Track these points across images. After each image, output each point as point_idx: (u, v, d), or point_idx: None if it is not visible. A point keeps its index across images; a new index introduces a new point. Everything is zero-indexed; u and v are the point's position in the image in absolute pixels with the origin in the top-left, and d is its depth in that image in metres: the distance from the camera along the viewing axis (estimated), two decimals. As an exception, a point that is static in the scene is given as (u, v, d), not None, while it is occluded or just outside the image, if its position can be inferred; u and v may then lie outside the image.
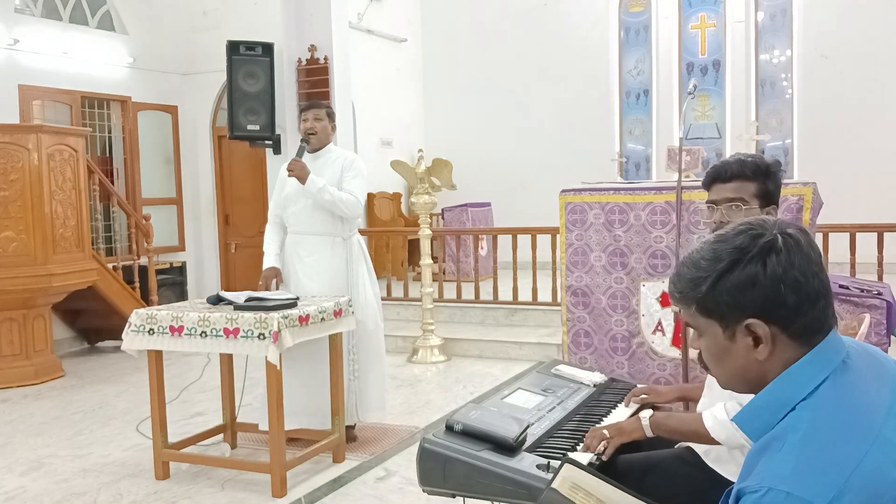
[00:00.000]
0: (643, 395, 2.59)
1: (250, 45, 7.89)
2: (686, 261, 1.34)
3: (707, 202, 2.34)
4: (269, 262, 4.39)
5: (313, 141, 4.35)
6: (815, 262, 1.27)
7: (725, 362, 1.31)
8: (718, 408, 2.06)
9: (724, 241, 1.29)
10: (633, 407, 2.57)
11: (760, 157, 2.27)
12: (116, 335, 6.30)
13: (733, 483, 2.06)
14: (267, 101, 7.91)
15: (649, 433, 2.20)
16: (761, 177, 2.21)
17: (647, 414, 2.25)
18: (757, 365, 1.27)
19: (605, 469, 2.20)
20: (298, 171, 4.19)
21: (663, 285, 3.55)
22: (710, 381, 2.28)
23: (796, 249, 1.25)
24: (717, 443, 2.05)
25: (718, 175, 2.27)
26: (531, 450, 2.09)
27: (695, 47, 10.46)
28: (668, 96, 10.54)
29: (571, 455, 2.13)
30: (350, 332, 4.23)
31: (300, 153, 4.28)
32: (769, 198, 2.22)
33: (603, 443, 2.17)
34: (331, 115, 4.44)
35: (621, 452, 2.33)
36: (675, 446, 2.31)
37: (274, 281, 4.36)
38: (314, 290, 4.23)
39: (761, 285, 1.24)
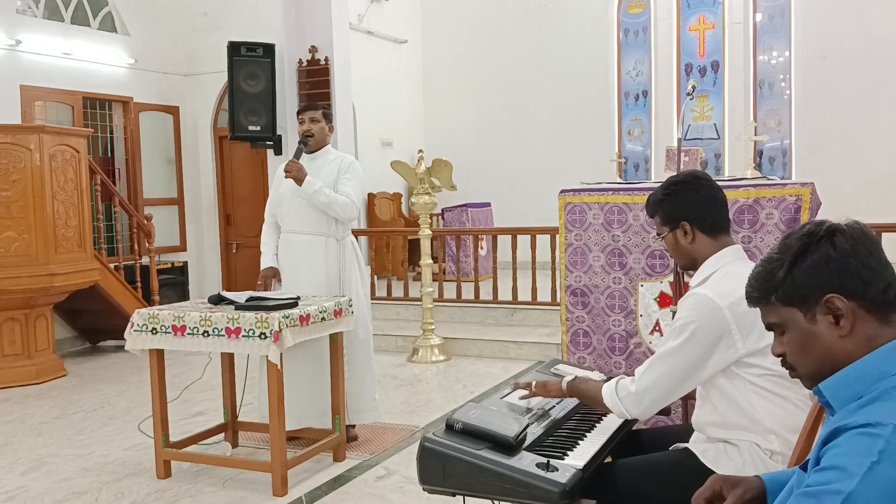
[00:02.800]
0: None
1: (251, 46, 7.92)
2: (757, 264, 1.46)
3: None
4: (267, 261, 4.40)
5: (311, 143, 4.36)
6: (877, 244, 1.38)
7: (811, 349, 1.39)
8: (614, 379, 2.31)
9: (791, 235, 1.42)
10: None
11: (662, 186, 2.42)
12: (118, 335, 6.33)
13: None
14: (268, 102, 7.93)
15: (566, 394, 2.42)
16: (658, 207, 2.39)
17: (568, 378, 2.44)
18: (841, 343, 1.35)
19: (603, 471, 2.22)
20: (295, 173, 4.20)
21: (661, 286, 3.57)
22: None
23: (860, 233, 1.37)
24: (611, 410, 2.28)
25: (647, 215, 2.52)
26: (531, 449, 2.10)
27: (693, 48, 10.46)
28: (667, 97, 10.54)
29: (570, 455, 2.15)
30: (345, 333, 4.25)
31: (297, 155, 4.29)
32: (671, 219, 2.35)
33: (522, 391, 2.47)
34: (327, 116, 4.43)
35: (621, 455, 2.36)
36: (671, 448, 2.33)
37: (273, 280, 4.38)
38: (308, 289, 4.23)
39: (834, 261, 1.35)
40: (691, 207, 2.32)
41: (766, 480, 1.63)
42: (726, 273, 2.22)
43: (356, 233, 4.67)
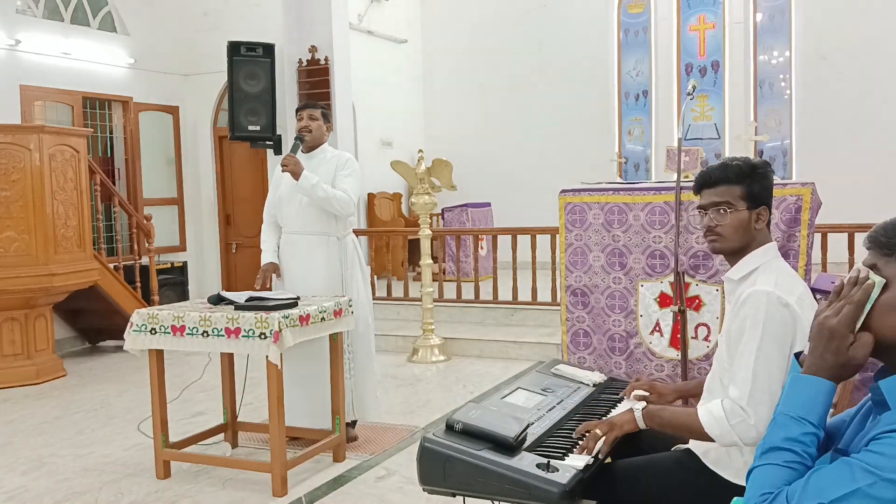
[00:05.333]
0: (643, 393, 2.61)
1: (251, 46, 7.91)
2: None
3: (697, 207, 2.35)
4: (267, 257, 4.40)
5: (308, 139, 4.35)
6: None
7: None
8: (715, 404, 2.06)
9: None
10: (634, 402, 2.59)
11: (746, 160, 2.26)
12: (117, 335, 6.33)
13: (734, 484, 2.08)
14: (267, 102, 7.92)
15: (642, 425, 2.20)
16: (745, 179, 2.21)
17: (640, 406, 2.25)
18: None
19: (604, 472, 2.21)
20: (292, 167, 4.17)
21: (662, 286, 3.57)
22: (709, 385, 2.28)
23: None
24: (710, 439, 2.06)
25: (705, 180, 2.28)
26: (531, 449, 2.10)
27: (694, 48, 10.46)
28: (668, 97, 10.54)
29: (570, 455, 2.14)
30: (347, 332, 4.24)
31: (295, 150, 4.27)
32: (756, 199, 2.21)
33: (599, 442, 2.17)
34: (325, 115, 4.43)
35: (621, 455, 2.34)
36: (673, 448, 2.31)
37: (273, 276, 4.38)
38: (310, 289, 4.23)
39: None
40: (770, 196, 2.23)
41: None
42: (778, 270, 2.15)
43: (356, 232, 4.66)
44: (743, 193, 2.20)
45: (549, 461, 2.00)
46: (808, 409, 1.44)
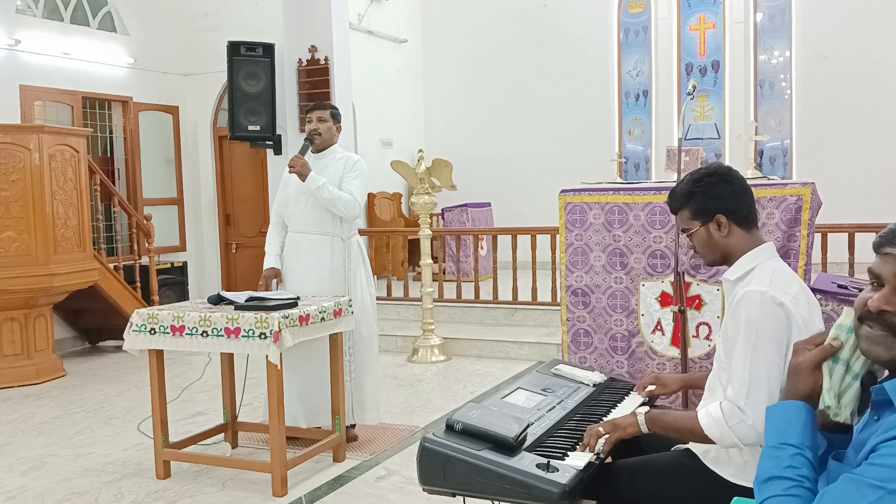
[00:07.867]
0: (651, 387, 2.63)
1: (251, 46, 7.92)
2: None
3: None
4: (269, 262, 4.40)
5: (317, 142, 4.36)
6: None
7: None
8: (714, 406, 2.07)
9: None
10: (641, 399, 2.61)
11: (687, 179, 2.29)
12: (117, 335, 6.33)
13: (734, 484, 2.08)
14: (267, 102, 7.93)
15: (644, 429, 2.21)
16: (688, 200, 2.27)
17: (642, 410, 2.26)
18: None
19: (604, 472, 2.21)
20: (299, 168, 4.19)
21: (663, 285, 3.57)
22: (710, 385, 2.28)
23: None
24: (711, 441, 2.07)
25: (670, 210, 2.38)
26: (531, 449, 2.10)
27: (694, 48, 10.46)
28: (668, 97, 10.54)
29: (570, 455, 2.14)
30: (348, 333, 4.24)
31: (303, 151, 4.28)
32: (705, 212, 2.24)
33: (601, 440, 2.18)
34: (335, 116, 4.44)
35: (621, 455, 2.35)
36: (673, 448, 2.31)
37: (274, 281, 4.38)
38: (312, 289, 4.23)
39: None
40: (726, 199, 2.21)
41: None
42: (773, 270, 2.14)
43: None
44: (691, 214, 2.27)
45: (549, 461, 2.00)
46: (784, 432, 1.48)
